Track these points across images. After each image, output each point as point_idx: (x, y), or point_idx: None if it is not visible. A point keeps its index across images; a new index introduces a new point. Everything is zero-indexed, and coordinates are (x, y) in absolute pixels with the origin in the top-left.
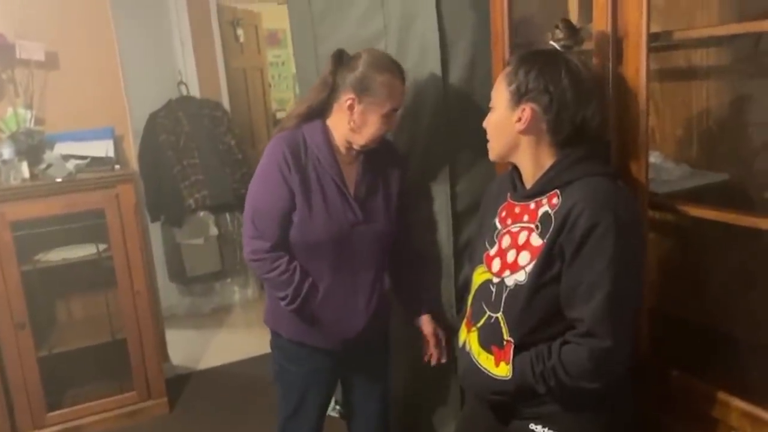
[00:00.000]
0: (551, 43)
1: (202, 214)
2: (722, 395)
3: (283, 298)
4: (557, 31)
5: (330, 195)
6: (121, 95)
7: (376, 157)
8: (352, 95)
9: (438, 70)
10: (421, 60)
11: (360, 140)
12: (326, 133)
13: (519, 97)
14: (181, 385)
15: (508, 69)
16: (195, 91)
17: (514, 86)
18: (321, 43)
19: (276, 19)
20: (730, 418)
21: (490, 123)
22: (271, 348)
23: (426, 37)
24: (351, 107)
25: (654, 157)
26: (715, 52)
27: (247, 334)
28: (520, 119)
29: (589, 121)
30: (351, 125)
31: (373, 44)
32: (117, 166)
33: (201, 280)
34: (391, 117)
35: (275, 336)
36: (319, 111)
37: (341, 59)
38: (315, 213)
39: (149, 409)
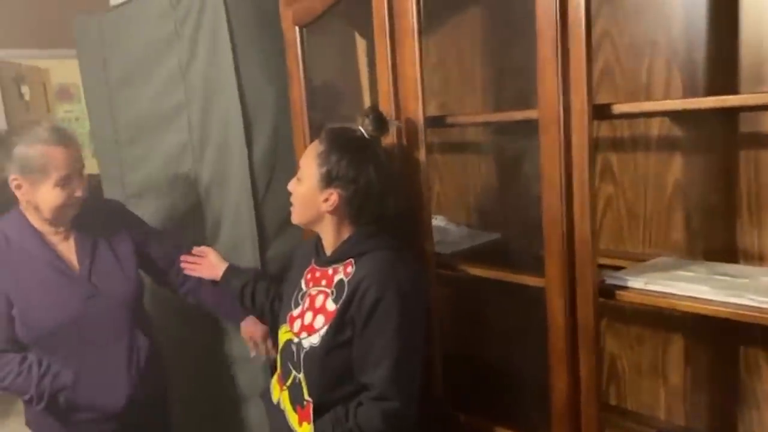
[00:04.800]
0: (360, 128)
1: None
2: (500, 430)
3: (29, 401)
4: (366, 121)
5: (49, 280)
6: None
7: (92, 221)
8: (14, 175)
9: (242, 142)
10: (226, 133)
11: (45, 214)
12: (24, 220)
13: (329, 180)
14: None
15: (321, 148)
16: None
17: (325, 169)
18: (121, 112)
19: (68, 73)
20: None
21: (297, 194)
22: None
23: (229, 111)
24: (18, 187)
25: (440, 221)
26: (482, 130)
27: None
28: (327, 200)
29: (389, 209)
30: (25, 204)
31: (176, 115)
32: None
33: None
34: (67, 184)
35: None
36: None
37: None
38: (36, 304)
39: None
